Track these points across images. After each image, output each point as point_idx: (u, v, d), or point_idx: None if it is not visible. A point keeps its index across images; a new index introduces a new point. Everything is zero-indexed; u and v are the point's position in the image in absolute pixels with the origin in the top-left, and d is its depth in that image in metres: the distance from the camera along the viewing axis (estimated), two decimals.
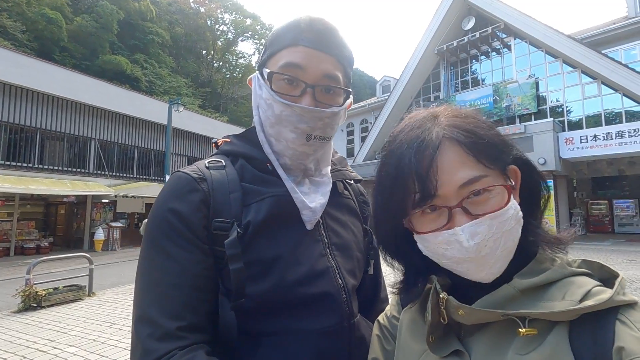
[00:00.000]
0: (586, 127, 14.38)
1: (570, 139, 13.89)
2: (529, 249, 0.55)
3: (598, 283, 0.50)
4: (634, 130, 12.57)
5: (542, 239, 0.55)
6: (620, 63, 13.66)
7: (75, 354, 3.99)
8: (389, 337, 0.68)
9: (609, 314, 0.45)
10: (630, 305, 0.45)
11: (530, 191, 0.58)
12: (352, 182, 0.93)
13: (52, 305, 6.12)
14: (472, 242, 0.49)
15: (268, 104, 0.74)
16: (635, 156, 13.67)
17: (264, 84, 0.74)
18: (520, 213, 0.53)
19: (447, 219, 0.52)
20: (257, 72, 0.80)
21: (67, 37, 27.50)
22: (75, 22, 28.49)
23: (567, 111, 15.41)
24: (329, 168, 0.85)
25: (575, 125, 15.01)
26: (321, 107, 0.73)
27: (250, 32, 45.73)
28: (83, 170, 15.65)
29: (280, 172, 0.76)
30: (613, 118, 14.29)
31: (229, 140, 0.83)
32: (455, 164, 0.51)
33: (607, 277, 0.52)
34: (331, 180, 0.83)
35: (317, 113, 0.72)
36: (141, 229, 6.85)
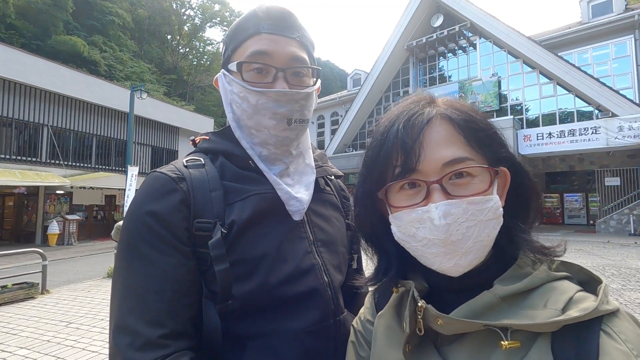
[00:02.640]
0: (542, 125, 15.31)
1: (528, 136, 14.74)
2: (510, 253, 0.53)
3: (579, 288, 0.49)
4: (584, 129, 13.55)
5: (527, 244, 0.52)
6: (574, 66, 14.60)
7: (26, 357, 3.71)
8: (363, 343, 0.67)
9: (593, 323, 0.43)
10: (614, 313, 0.44)
11: (519, 195, 0.56)
12: (332, 177, 0.93)
13: None
14: (444, 221, 0.48)
15: (242, 97, 0.72)
16: (584, 153, 14.76)
17: (233, 78, 0.73)
18: (501, 210, 0.51)
19: (425, 195, 0.50)
20: (222, 71, 0.78)
21: (14, 14, 25.08)
22: None
23: (525, 109, 16.31)
24: (312, 155, 0.85)
25: (532, 123, 15.93)
26: (295, 89, 0.73)
27: (218, 19, 44.01)
28: (34, 159, 14.50)
29: (262, 166, 0.74)
30: (566, 117, 15.30)
31: (207, 137, 0.80)
32: (443, 141, 0.51)
33: (587, 280, 0.51)
34: (314, 172, 0.83)
35: (293, 95, 0.72)
36: (112, 233, 6.44)
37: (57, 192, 15.38)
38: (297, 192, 0.75)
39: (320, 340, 0.70)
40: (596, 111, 14.30)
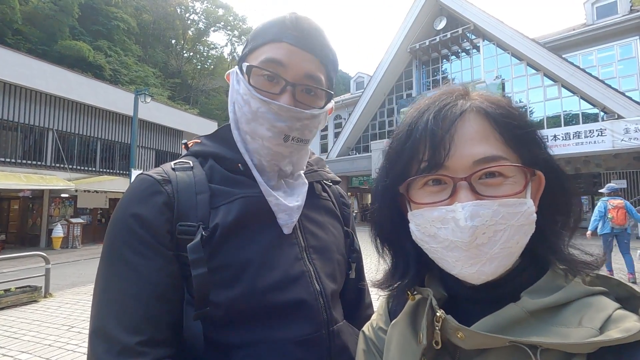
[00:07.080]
0: (547, 128, 15.19)
1: None
2: (541, 263, 0.49)
3: (618, 305, 0.44)
4: (589, 131, 13.43)
5: (560, 254, 0.48)
6: (578, 67, 14.50)
7: None
8: (374, 352, 0.62)
9: (635, 347, 0.39)
10: None
11: (557, 200, 0.51)
12: (331, 184, 0.90)
13: (2, 309, 5.66)
14: (470, 223, 0.43)
15: (245, 100, 0.70)
16: (590, 155, 14.62)
17: (242, 78, 0.71)
18: (534, 216, 0.46)
19: (450, 193, 0.46)
20: (236, 66, 0.76)
21: (21, 19, 25.38)
22: (30, 4, 26.37)
23: (530, 112, 16.20)
24: (304, 171, 0.82)
25: (537, 126, 15.68)
26: (301, 108, 0.69)
27: (222, 23, 44.34)
28: (39, 163, 14.60)
29: (255, 173, 0.71)
30: (571, 119, 15.19)
31: (199, 141, 0.78)
32: (477, 136, 0.46)
33: (626, 297, 0.46)
34: (307, 182, 0.79)
35: (296, 113, 0.68)
36: None
37: (62, 195, 15.47)
38: (290, 202, 0.72)
39: (312, 351, 0.66)
40: (602, 113, 14.18)
